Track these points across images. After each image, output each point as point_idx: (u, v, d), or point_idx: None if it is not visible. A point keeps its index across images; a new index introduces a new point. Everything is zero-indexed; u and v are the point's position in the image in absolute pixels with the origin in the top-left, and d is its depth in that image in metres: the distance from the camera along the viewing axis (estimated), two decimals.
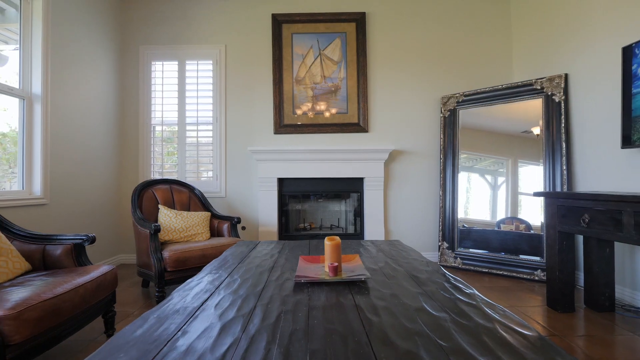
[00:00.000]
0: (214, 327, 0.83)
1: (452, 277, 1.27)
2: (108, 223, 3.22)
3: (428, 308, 0.95)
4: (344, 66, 3.43)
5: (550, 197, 2.13)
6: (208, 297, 1.05)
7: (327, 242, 1.30)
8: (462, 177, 3.17)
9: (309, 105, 3.42)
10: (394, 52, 3.45)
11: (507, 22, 3.46)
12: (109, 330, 1.77)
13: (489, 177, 3.06)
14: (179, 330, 0.81)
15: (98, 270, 1.62)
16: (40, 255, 1.73)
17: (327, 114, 3.41)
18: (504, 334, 0.78)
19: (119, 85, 3.38)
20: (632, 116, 2.04)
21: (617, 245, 2.27)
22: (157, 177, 3.41)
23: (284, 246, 1.92)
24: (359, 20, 3.42)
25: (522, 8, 3.30)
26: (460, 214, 3.16)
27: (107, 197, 3.19)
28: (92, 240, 1.77)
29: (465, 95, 3.22)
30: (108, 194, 3.21)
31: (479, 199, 3.09)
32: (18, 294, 1.27)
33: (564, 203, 2.03)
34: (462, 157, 3.18)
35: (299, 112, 3.41)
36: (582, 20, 2.59)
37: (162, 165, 3.43)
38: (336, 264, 1.26)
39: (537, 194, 2.20)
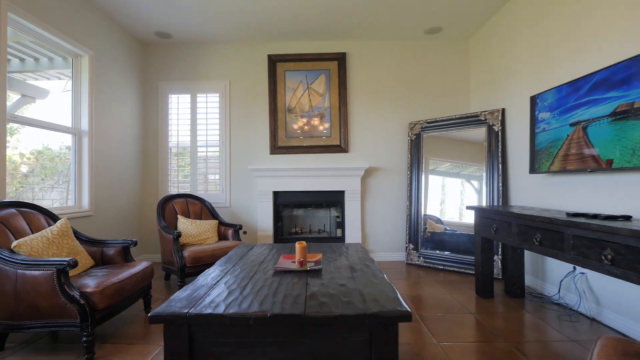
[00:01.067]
0: (224, 292, 1.52)
1: (377, 270, 1.95)
2: (134, 229, 3.93)
3: (348, 284, 1.63)
4: (327, 97, 4.12)
5: (475, 210, 2.80)
6: (220, 278, 1.74)
7: (297, 245, 1.98)
8: (433, 184, 3.85)
9: (299, 130, 4.11)
10: (369, 85, 4.13)
11: (466, 61, 4.13)
12: (147, 308, 2.47)
13: (455, 187, 3.73)
14: (205, 294, 1.50)
15: (141, 265, 2.32)
16: (100, 254, 2.44)
17: (313, 138, 4.10)
18: (377, 295, 1.46)
19: (142, 116, 4.10)
20: (535, 150, 2.71)
21: None
22: (173, 190, 4.12)
23: (274, 248, 2.61)
24: (340, 58, 4.11)
25: (476, 50, 3.97)
26: (441, 216, 3.83)
27: (133, 209, 3.91)
28: (135, 244, 2.47)
29: (428, 122, 3.89)
30: (134, 205, 3.93)
31: (451, 205, 3.76)
32: (96, 280, 1.97)
33: (483, 215, 2.70)
34: (430, 169, 3.86)
35: (290, 136, 4.11)
36: (513, 66, 3.25)
37: (177, 180, 4.15)
38: (302, 259, 1.95)
39: (468, 208, 2.87)
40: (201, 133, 4.15)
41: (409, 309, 1.31)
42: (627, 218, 1.79)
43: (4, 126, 2.32)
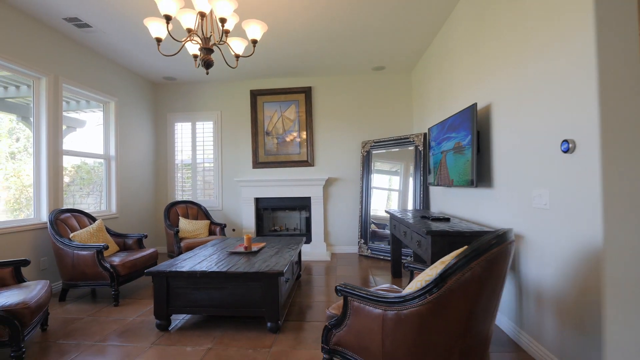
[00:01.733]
0: (190, 262, 2.62)
1: (291, 255, 3.00)
2: (149, 227, 5.14)
3: (265, 260, 2.69)
4: (297, 122, 5.18)
5: (388, 214, 3.79)
6: (194, 255, 2.85)
7: (245, 237, 3.07)
8: (378, 190, 4.84)
9: (275, 149, 5.20)
10: (330, 111, 5.16)
11: (409, 91, 5.08)
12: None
13: (393, 194, 4.71)
14: (179, 262, 2.61)
15: (149, 250, 3.47)
16: (122, 243, 3.62)
17: (286, 155, 5.18)
18: (274, 266, 2.51)
19: (154, 140, 5.31)
20: (429, 168, 3.67)
21: None
22: (179, 197, 5.30)
23: (240, 240, 3.70)
24: (307, 91, 5.16)
25: (415, 82, 4.92)
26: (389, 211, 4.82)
27: (148, 211, 5.12)
28: (145, 236, 3.64)
29: (375, 142, 4.88)
30: (149, 209, 5.14)
31: (394, 207, 4.74)
32: (119, 258, 3.13)
33: (392, 217, 3.69)
34: (374, 180, 4.85)
35: (268, 154, 5.20)
36: (430, 98, 4.20)
37: (182, 189, 5.33)
38: (246, 245, 3.03)
39: (386, 211, 3.86)
40: (199, 152, 5.31)
41: (283, 271, 2.36)
42: (447, 219, 2.76)
43: (62, 159, 3.54)
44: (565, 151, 1.70)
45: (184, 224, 4.44)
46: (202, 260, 2.71)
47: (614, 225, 1.50)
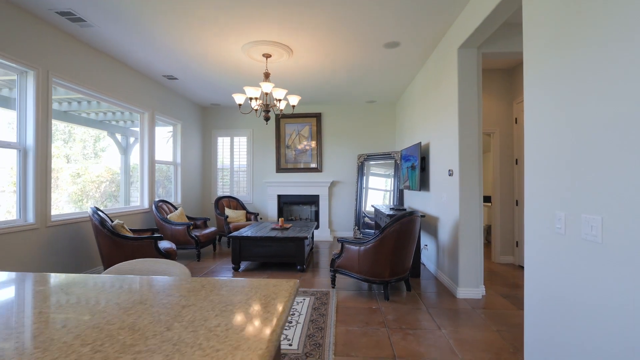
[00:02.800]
0: (249, 231, 4.41)
1: (309, 231, 4.78)
2: (200, 214, 6.94)
3: (293, 233, 4.47)
4: (310, 139, 6.95)
5: (374, 207, 5.55)
6: (249, 230, 4.64)
7: (280, 220, 4.85)
8: (373, 193, 6.60)
9: (293, 158, 6.97)
10: (335, 131, 6.92)
11: (393, 119, 6.84)
12: (214, 248, 5.41)
13: (380, 193, 6.48)
14: (244, 232, 4.39)
15: (213, 229, 5.26)
16: (194, 223, 5.41)
17: (301, 164, 6.95)
18: (300, 235, 4.30)
19: (203, 150, 7.10)
20: (401, 177, 5.43)
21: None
22: (219, 192, 7.09)
23: (270, 223, 5.48)
24: (318, 116, 6.92)
25: (398, 112, 6.67)
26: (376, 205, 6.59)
27: (199, 202, 6.91)
28: (209, 219, 5.43)
29: (367, 155, 6.64)
30: (199, 201, 6.93)
31: (381, 201, 6.51)
32: (198, 232, 4.92)
33: (376, 209, 5.45)
34: (365, 183, 6.61)
35: (288, 162, 6.98)
36: (405, 126, 5.93)
37: (222, 187, 7.12)
38: (281, 225, 4.81)
39: (372, 205, 5.61)
40: (236, 159, 7.10)
41: (307, 236, 4.14)
42: (404, 209, 4.53)
43: (154, 165, 5.34)
44: (450, 175, 3.47)
45: (229, 212, 6.23)
46: (256, 232, 4.50)
47: (463, 210, 3.27)
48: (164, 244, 3.85)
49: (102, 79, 4.14)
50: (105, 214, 3.68)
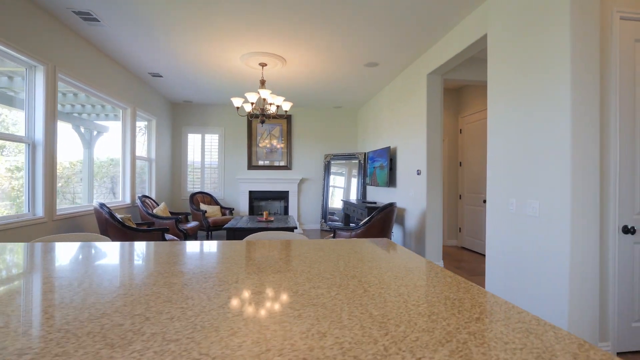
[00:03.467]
0: (241, 224, 4.82)
1: (291, 221, 5.34)
2: (174, 209, 6.98)
3: (276, 224, 5.00)
4: (280, 138, 7.44)
5: (342, 201, 6.30)
6: (237, 222, 5.04)
7: (265, 213, 5.32)
8: (337, 191, 7.32)
9: (264, 156, 7.40)
10: (304, 132, 7.51)
11: (355, 123, 7.67)
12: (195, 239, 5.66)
13: (342, 190, 7.24)
14: (237, 225, 4.78)
15: (195, 223, 5.50)
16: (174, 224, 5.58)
17: (272, 162, 7.41)
18: (283, 224, 4.85)
19: (174, 147, 7.13)
20: (367, 174, 6.27)
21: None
22: (190, 189, 7.20)
23: (253, 217, 5.90)
24: (289, 118, 7.44)
25: (359, 119, 7.51)
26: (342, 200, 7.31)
27: (169, 198, 6.96)
28: (190, 214, 5.64)
29: (333, 155, 7.37)
30: (171, 196, 6.98)
31: (346, 196, 7.25)
32: (185, 225, 5.15)
33: (345, 201, 6.20)
34: (332, 181, 7.33)
35: (259, 160, 7.38)
36: (369, 131, 6.79)
37: (192, 183, 7.24)
38: (265, 218, 5.28)
39: (342, 200, 6.35)
40: (207, 156, 7.28)
41: (296, 226, 4.70)
42: (375, 203, 5.35)
43: (135, 162, 5.39)
44: (419, 174, 4.34)
45: (205, 207, 6.45)
46: (247, 224, 4.91)
47: (429, 203, 4.16)
48: (168, 235, 4.10)
49: (95, 75, 4.19)
50: (109, 208, 3.82)
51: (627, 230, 2.20)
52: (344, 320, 0.69)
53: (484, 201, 4.98)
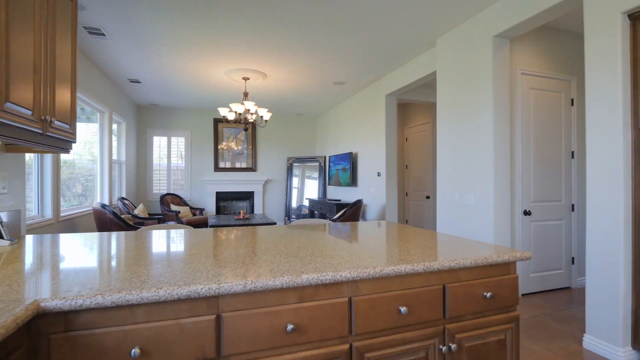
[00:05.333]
0: (224, 222, 5.29)
1: (261, 217, 5.94)
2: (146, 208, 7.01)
3: (257, 219, 5.58)
4: (246, 142, 7.92)
5: (308, 199, 7.06)
6: (215, 221, 5.48)
7: (241, 212, 5.84)
8: (298, 190, 8.03)
9: (230, 158, 7.81)
10: (268, 136, 8.10)
11: (314, 129, 8.48)
12: None
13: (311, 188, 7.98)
14: (218, 223, 5.24)
15: (173, 222, 5.78)
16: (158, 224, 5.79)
17: (237, 164, 7.86)
18: (263, 220, 5.46)
19: (138, 149, 7.17)
20: (329, 176, 7.12)
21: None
22: (156, 191, 7.31)
23: (228, 216, 6.34)
24: (254, 124, 7.95)
25: (319, 124, 8.34)
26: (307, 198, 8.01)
27: (135, 198, 6.99)
28: (166, 215, 5.89)
29: (295, 158, 8.08)
30: (138, 197, 7.01)
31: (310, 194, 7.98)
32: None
33: (311, 200, 6.98)
34: (294, 182, 8.03)
35: (225, 162, 7.77)
36: (331, 136, 7.65)
37: (159, 184, 7.35)
38: (242, 216, 5.81)
39: (307, 198, 7.11)
40: (174, 158, 7.45)
41: (275, 222, 5.33)
42: (339, 200, 6.22)
43: (111, 164, 5.49)
44: (379, 176, 5.31)
45: (176, 208, 6.69)
46: (228, 221, 5.39)
47: (388, 199, 5.15)
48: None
49: (83, 80, 4.35)
50: (111, 208, 4.06)
51: (526, 212, 3.36)
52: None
53: (427, 197, 6.17)
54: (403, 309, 1.17)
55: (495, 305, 1.33)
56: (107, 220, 3.87)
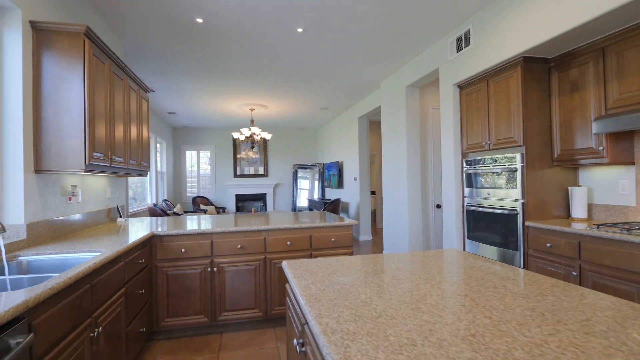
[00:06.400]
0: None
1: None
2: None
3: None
4: (259, 153, 9.69)
5: (308, 199, 8.68)
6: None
7: (253, 210, 7.57)
8: (302, 192, 9.69)
9: (246, 167, 9.60)
10: (278, 148, 9.82)
11: (315, 140, 10.11)
12: None
13: (306, 189, 9.63)
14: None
15: None
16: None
17: (253, 171, 9.64)
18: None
19: (175, 161, 9.13)
20: (326, 179, 8.71)
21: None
22: (189, 193, 9.23)
23: (243, 213, 8.09)
24: (265, 140, 9.71)
25: (320, 136, 9.96)
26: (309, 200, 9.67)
27: (173, 200, 8.95)
28: (206, 211, 7.74)
29: (299, 165, 9.74)
30: (172, 199, 8.97)
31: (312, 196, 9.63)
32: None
33: (309, 200, 8.60)
34: (299, 184, 9.69)
35: (242, 170, 9.57)
36: (326, 147, 9.24)
37: (191, 188, 9.27)
38: (254, 211, 7.52)
39: (308, 199, 8.73)
40: (202, 168, 9.35)
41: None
42: (329, 199, 7.80)
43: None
44: (355, 180, 6.85)
45: (205, 207, 8.55)
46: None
47: (362, 198, 6.68)
48: None
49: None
50: (159, 207, 5.90)
51: (438, 206, 4.81)
52: None
53: None
54: (289, 243, 2.77)
55: (338, 245, 2.90)
56: (157, 215, 5.69)
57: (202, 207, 8.57)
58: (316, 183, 9.49)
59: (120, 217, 3.33)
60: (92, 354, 1.52)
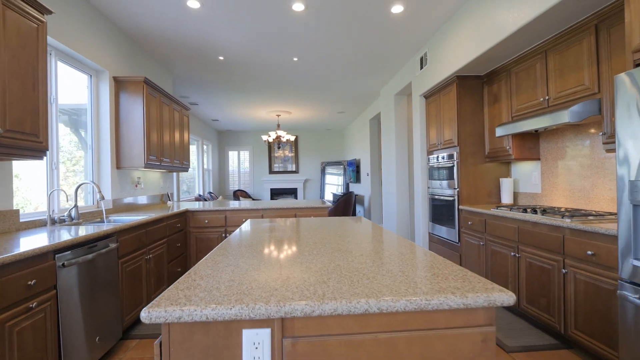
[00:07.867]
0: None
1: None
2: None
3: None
4: (291, 152, 10.90)
5: (332, 194, 9.68)
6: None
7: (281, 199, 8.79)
8: (329, 186, 10.73)
9: (280, 165, 10.88)
10: (307, 147, 10.95)
11: (342, 139, 11.06)
12: None
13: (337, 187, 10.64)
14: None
15: None
16: None
17: (285, 168, 10.89)
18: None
19: (220, 160, 10.71)
20: (349, 175, 9.64)
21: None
22: (232, 187, 10.74)
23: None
24: (296, 139, 10.89)
25: (345, 136, 10.90)
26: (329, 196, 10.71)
27: (217, 193, 10.52)
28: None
29: (326, 162, 10.77)
30: (216, 192, 10.54)
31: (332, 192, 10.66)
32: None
33: (333, 194, 9.60)
34: (326, 179, 10.73)
35: (276, 167, 10.86)
36: (348, 144, 10.16)
37: (232, 183, 10.78)
38: None
39: (332, 193, 9.74)
40: (242, 166, 10.82)
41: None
42: (350, 192, 8.76)
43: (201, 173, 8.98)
44: (368, 175, 7.72)
45: (244, 200, 9.97)
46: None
47: (373, 191, 7.52)
48: None
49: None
50: (205, 197, 7.34)
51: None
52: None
53: None
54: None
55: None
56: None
57: (241, 199, 10.00)
58: (341, 178, 10.46)
59: (170, 200, 4.66)
60: (146, 268, 2.73)
